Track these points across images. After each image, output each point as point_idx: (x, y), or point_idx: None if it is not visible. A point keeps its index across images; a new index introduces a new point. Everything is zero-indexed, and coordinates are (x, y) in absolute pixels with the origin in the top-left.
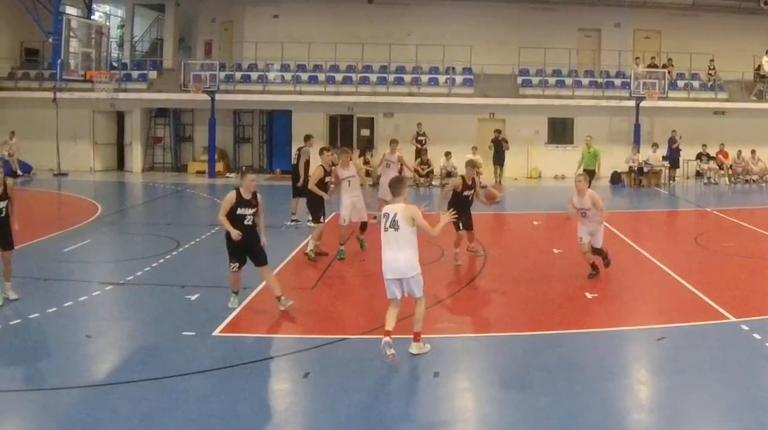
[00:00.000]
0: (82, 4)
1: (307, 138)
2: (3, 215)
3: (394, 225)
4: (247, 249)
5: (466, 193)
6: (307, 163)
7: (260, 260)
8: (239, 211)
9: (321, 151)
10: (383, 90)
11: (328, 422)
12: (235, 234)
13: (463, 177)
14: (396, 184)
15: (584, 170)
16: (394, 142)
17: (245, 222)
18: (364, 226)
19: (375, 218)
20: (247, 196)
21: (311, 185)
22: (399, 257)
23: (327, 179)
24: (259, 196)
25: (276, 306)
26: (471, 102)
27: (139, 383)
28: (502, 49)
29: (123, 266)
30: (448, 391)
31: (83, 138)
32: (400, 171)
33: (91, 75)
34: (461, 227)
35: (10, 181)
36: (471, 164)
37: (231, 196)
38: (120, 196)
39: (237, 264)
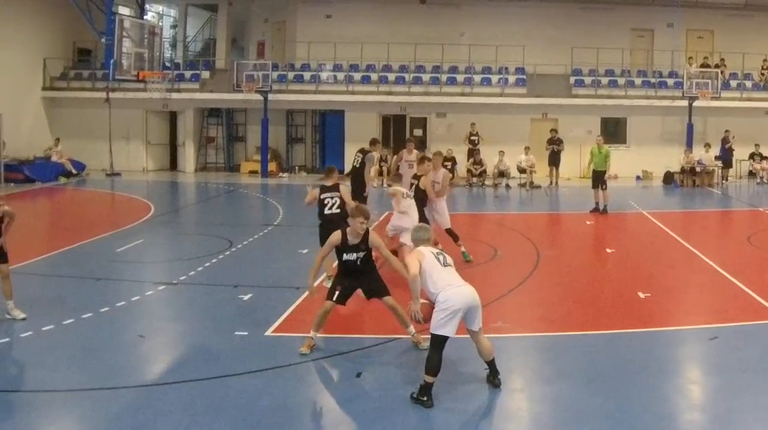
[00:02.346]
0: (134, 4)
1: (374, 142)
2: None
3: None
4: (358, 285)
5: (348, 256)
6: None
7: (380, 292)
8: (345, 256)
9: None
10: (436, 90)
11: (380, 422)
12: (311, 294)
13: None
14: None
15: (594, 171)
16: (410, 142)
17: (358, 264)
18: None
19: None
20: (354, 239)
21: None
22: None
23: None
24: (371, 237)
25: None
26: (524, 102)
27: (191, 383)
28: (554, 49)
29: (176, 265)
30: (501, 390)
31: (136, 138)
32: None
33: (143, 75)
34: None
35: (9, 209)
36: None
37: (336, 237)
38: (173, 196)
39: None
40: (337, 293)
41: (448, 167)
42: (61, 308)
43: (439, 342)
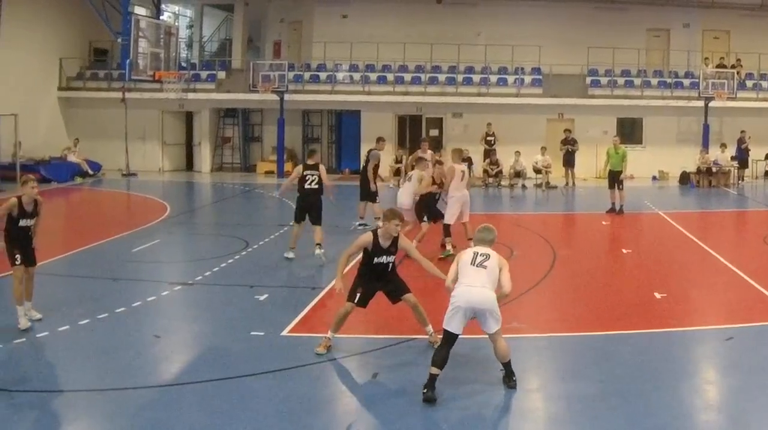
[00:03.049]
0: (151, 4)
1: (379, 140)
2: (31, 232)
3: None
4: (381, 288)
5: (379, 259)
6: (376, 167)
7: (402, 291)
8: (376, 259)
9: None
10: (452, 90)
11: (396, 423)
12: (338, 289)
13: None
14: None
15: (611, 171)
16: (424, 141)
17: (389, 269)
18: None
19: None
20: (385, 242)
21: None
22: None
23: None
24: (400, 239)
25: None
26: (540, 102)
27: (207, 383)
28: (570, 49)
29: (192, 266)
30: (516, 390)
31: (152, 138)
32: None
33: (160, 75)
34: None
35: (40, 197)
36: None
37: (367, 239)
38: (189, 197)
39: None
40: (358, 295)
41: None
42: (77, 309)
43: (447, 337)
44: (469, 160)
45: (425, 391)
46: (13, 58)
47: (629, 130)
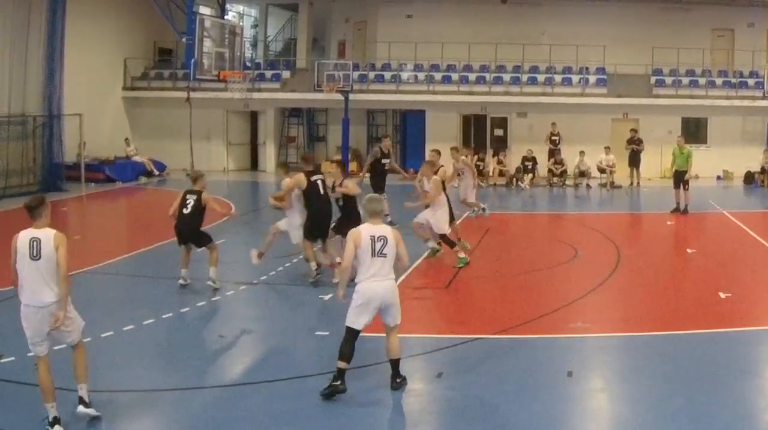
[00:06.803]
0: (215, 4)
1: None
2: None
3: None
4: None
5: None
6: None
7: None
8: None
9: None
10: (517, 90)
11: (460, 423)
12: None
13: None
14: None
15: (676, 171)
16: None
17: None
18: None
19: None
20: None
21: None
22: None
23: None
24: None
25: (409, 305)
26: (604, 102)
27: (272, 384)
28: (635, 49)
29: (256, 265)
30: (581, 390)
31: (217, 138)
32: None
33: (224, 75)
34: None
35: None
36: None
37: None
38: (253, 196)
39: None
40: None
41: (529, 167)
42: (141, 309)
43: (353, 334)
44: (533, 160)
45: (338, 384)
46: (78, 58)
47: (694, 130)
